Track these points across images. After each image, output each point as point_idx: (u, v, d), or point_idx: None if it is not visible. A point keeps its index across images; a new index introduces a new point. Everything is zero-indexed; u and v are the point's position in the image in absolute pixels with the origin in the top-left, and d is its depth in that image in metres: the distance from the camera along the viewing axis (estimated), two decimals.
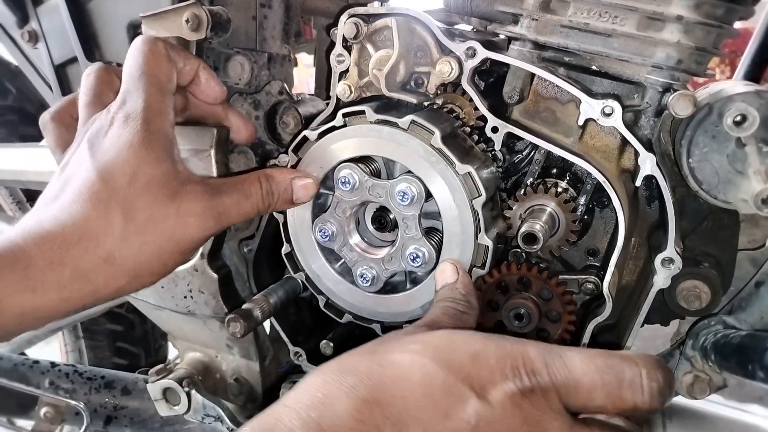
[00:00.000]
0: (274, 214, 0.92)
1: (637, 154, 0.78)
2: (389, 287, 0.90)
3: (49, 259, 0.65)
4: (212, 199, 0.74)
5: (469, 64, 0.81)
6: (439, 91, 0.87)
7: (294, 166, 0.88)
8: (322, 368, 0.56)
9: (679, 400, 0.91)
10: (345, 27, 0.85)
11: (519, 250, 0.88)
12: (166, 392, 1.09)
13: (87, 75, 0.83)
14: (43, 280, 0.65)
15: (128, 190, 0.68)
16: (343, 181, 0.84)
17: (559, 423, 0.54)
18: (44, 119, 0.84)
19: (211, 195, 0.74)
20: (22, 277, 0.64)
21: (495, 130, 0.83)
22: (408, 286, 0.88)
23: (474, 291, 0.78)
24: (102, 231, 0.68)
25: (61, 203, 0.69)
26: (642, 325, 0.84)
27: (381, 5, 0.87)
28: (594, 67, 0.81)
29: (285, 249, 0.93)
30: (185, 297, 1.04)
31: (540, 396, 0.54)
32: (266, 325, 1.06)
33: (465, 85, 0.82)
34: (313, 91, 1.39)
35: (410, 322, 0.89)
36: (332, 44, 0.89)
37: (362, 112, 0.82)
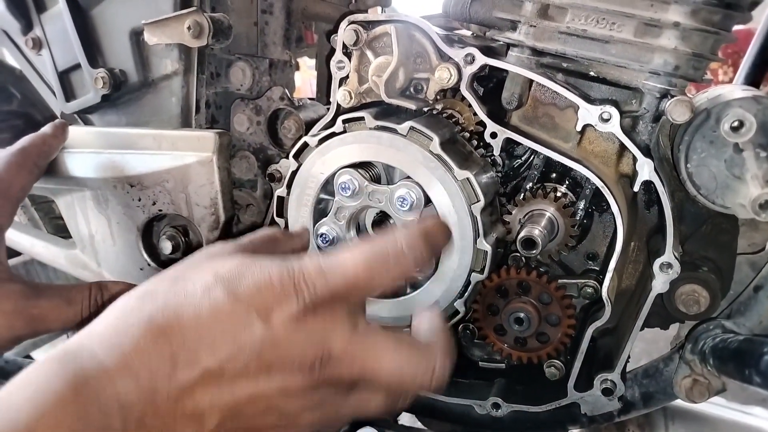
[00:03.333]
0: (276, 219, 0.93)
1: (635, 159, 0.78)
2: (389, 292, 0.90)
3: None
4: (27, 300, 0.74)
5: (468, 71, 0.82)
6: (438, 97, 0.87)
7: (295, 172, 0.89)
8: (126, 295, 0.58)
9: (682, 402, 0.91)
10: (345, 34, 0.86)
11: (519, 255, 0.88)
12: None
13: None
14: None
15: None
16: (343, 186, 0.85)
17: (340, 332, 0.57)
18: None
19: (27, 296, 0.75)
20: None
21: (494, 135, 0.84)
22: (408, 290, 0.89)
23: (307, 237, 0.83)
24: None
25: None
26: (641, 329, 0.85)
27: (381, 12, 0.88)
28: (592, 73, 0.82)
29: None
30: None
31: (321, 309, 0.57)
32: None
33: (464, 91, 0.83)
34: (315, 93, 1.41)
35: (410, 326, 0.90)
36: (332, 50, 0.90)
37: (362, 119, 0.83)
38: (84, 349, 0.52)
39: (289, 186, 0.90)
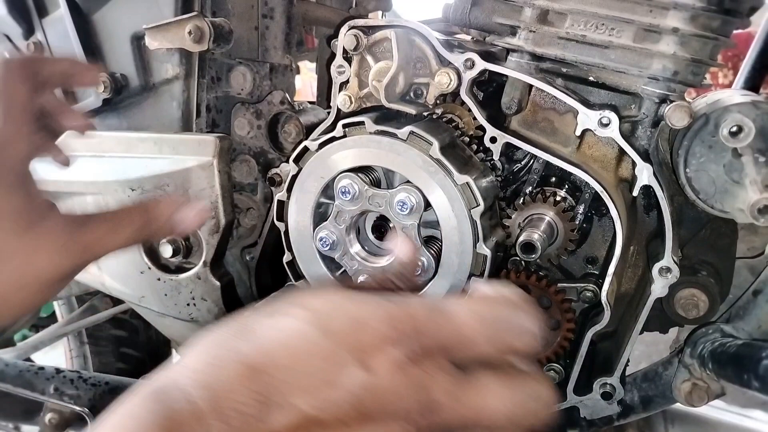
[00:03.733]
0: (276, 222, 0.93)
1: (634, 163, 0.78)
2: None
3: None
4: (73, 233, 0.70)
5: (468, 76, 0.82)
6: (438, 102, 0.88)
7: (295, 177, 0.89)
8: (220, 327, 0.55)
9: (681, 405, 0.91)
10: (345, 39, 0.86)
11: (518, 259, 0.89)
12: None
13: None
14: None
15: None
16: (343, 190, 0.85)
17: (446, 382, 0.53)
18: None
19: (73, 229, 0.70)
20: None
21: (493, 140, 0.84)
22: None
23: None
24: None
25: None
26: (641, 333, 0.85)
27: (382, 17, 0.88)
28: (591, 78, 0.82)
29: (286, 257, 0.94)
30: (188, 304, 1.05)
31: (425, 357, 0.53)
32: None
33: (464, 95, 0.83)
34: (316, 96, 1.41)
35: None
36: (333, 55, 0.90)
37: (362, 123, 0.83)
38: (177, 388, 0.50)
39: (289, 190, 0.90)
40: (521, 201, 0.88)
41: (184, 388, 0.49)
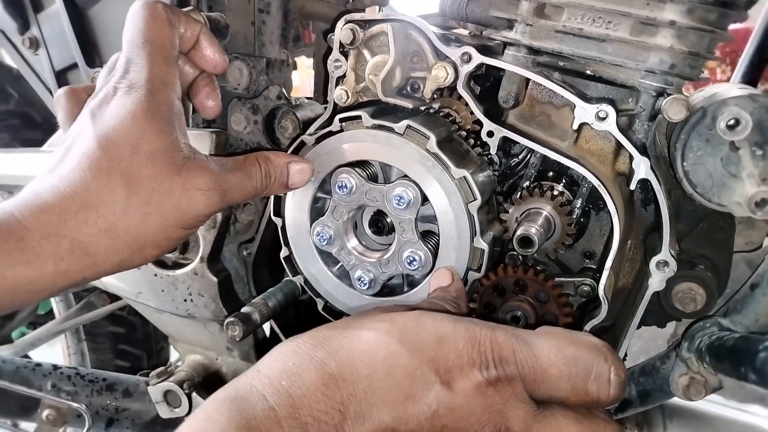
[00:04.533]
0: (273, 218, 0.93)
1: (631, 157, 0.78)
2: (387, 290, 0.91)
3: (45, 231, 0.61)
4: (218, 175, 0.71)
5: (465, 69, 0.82)
6: (435, 96, 0.88)
7: None
8: (297, 337, 0.55)
9: (680, 400, 0.91)
10: (342, 33, 0.86)
11: (516, 253, 0.89)
12: (167, 394, 1.10)
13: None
14: (39, 252, 0.61)
15: (131, 160, 0.65)
16: (340, 185, 0.85)
17: (522, 412, 0.54)
18: (58, 94, 0.80)
19: (217, 172, 0.72)
20: (16, 249, 0.60)
21: (491, 134, 0.84)
22: (405, 288, 0.89)
23: (465, 297, 0.78)
24: (103, 201, 0.64)
25: (59, 173, 0.65)
26: (638, 327, 0.85)
27: (379, 11, 0.88)
28: (588, 72, 0.82)
29: (284, 252, 0.94)
30: (185, 300, 1.05)
31: (505, 384, 0.54)
32: (266, 327, 1.07)
33: (461, 89, 0.83)
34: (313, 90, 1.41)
35: None
36: (329, 49, 0.90)
37: (359, 117, 0.83)
38: (254, 393, 0.50)
39: None
40: (518, 195, 0.88)
41: (262, 394, 0.50)
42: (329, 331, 0.56)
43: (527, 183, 0.89)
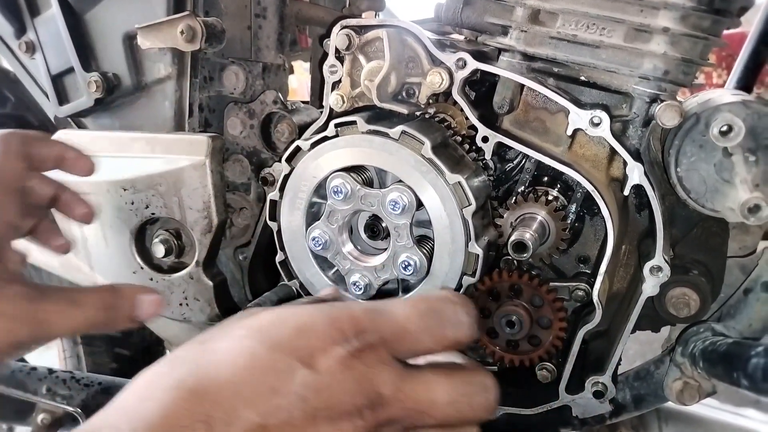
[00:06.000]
0: (269, 222, 0.93)
1: (625, 163, 0.79)
2: (382, 295, 0.91)
3: None
4: (31, 303, 0.70)
5: (460, 75, 0.82)
6: (430, 102, 0.88)
7: (288, 176, 0.89)
8: (155, 364, 0.55)
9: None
10: (337, 38, 0.86)
11: (510, 258, 0.89)
12: None
13: None
14: None
15: None
16: (335, 190, 0.85)
17: (390, 375, 0.54)
18: None
19: (31, 299, 0.70)
20: None
21: (485, 139, 0.84)
22: (400, 293, 0.89)
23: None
24: None
25: None
26: (632, 332, 0.85)
27: (375, 16, 0.88)
28: (582, 78, 0.82)
29: (279, 257, 0.94)
30: (181, 304, 1.05)
31: (368, 352, 0.54)
32: None
33: (456, 95, 0.83)
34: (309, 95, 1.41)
35: None
36: (325, 55, 0.90)
37: (354, 123, 0.83)
38: (107, 426, 0.49)
39: (281, 189, 0.90)
40: (513, 200, 0.88)
41: (115, 425, 0.49)
42: (185, 351, 0.55)
43: (522, 188, 0.90)
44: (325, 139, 0.86)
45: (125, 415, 0.49)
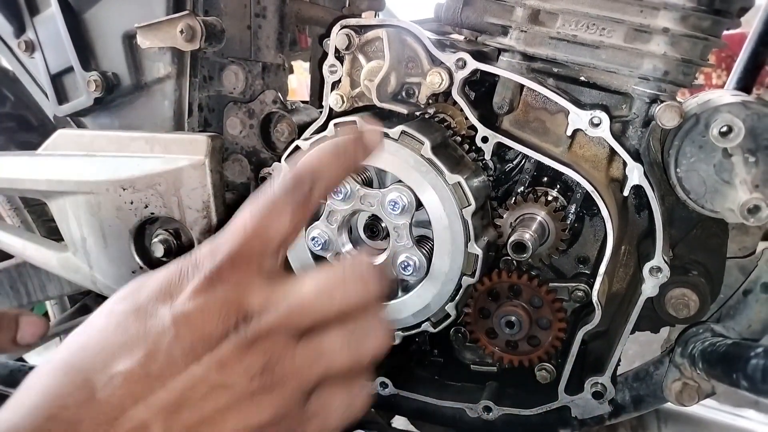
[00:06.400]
0: None
1: (625, 163, 0.79)
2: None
3: None
4: None
5: (459, 75, 0.82)
6: (430, 102, 0.88)
7: None
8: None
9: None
10: (337, 38, 0.86)
11: (510, 258, 0.89)
12: None
13: None
14: None
15: None
16: (335, 190, 0.85)
17: (252, 283, 0.53)
18: None
19: None
20: None
21: (485, 140, 0.84)
22: (399, 293, 0.89)
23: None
24: None
25: None
26: (632, 333, 0.85)
27: (375, 16, 0.88)
28: (582, 78, 0.82)
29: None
30: None
31: (227, 272, 0.53)
32: None
33: (455, 95, 0.83)
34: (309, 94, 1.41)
35: (402, 329, 0.90)
36: (325, 54, 0.90)
37: (353, 123, 0.83)
38: (5, 426, 0.49)
39: None
40: (513, 200, 0.88)
41: (12, 422, 0.49)
42: (69, 337, 0.55)
43: (521, 188, 0.90)
44: (325, 139, 0.86)
45: (16, 409, 0.49)
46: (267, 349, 0.52)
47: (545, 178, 0.91)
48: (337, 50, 0.87)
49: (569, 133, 0.81)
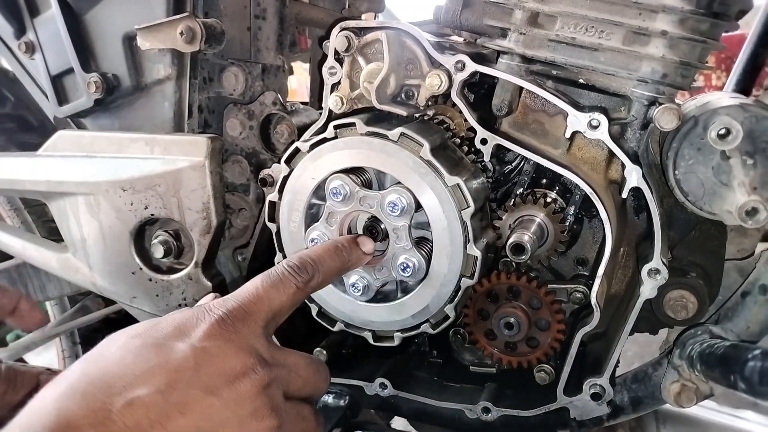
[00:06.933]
0: (267, 224, 0.93)
1: (623, 165, 0.79)
2: (381, 296, 0.91)
3: None
4: None
5: (459, 77, 0.83)
6: (429, 103, 0.88)
7: (287, 177, 0.89)
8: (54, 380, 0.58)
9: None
10: (337, 40, 0.87)
11: (509, 260, 0.89)
12: None
13: None
14: None
15: None
16: (334, 191, 0.85)
17: (262, 343, 0.62)
18: None
19: None
20: None
21: (484, 141, 0.84)
22: (399, 295, 0.89)
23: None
24: None
25: None
26: (631, 334, 0.85)
27: (375, 18, 0.88)
28: (581, 81, 0.83)
29: (278, 258, 0.94)
30: (180, 305, 1.05)
31: (237, 322, 0.61)
32: None
33: (454, 97, 0.83)
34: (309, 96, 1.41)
35: (402, 330, 0.90)
36: (325, 56, 0.90)
37: (353, 124, 0.84)
38: (18, 427, 0.52)
39: (280, 191, 0.90)
40: (512, 202, 0.88)
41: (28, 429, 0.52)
42: (77, 365, 0.58)
43: (520, 190, 0.90)
44: (325, 140, 0.86)
45: (26, 426, 0.52)
46: (274, 395, 0.60)
47: (544, 180, 0.91)
48: (336, 52, 0.88)
49: (568, 135, 0.81)
